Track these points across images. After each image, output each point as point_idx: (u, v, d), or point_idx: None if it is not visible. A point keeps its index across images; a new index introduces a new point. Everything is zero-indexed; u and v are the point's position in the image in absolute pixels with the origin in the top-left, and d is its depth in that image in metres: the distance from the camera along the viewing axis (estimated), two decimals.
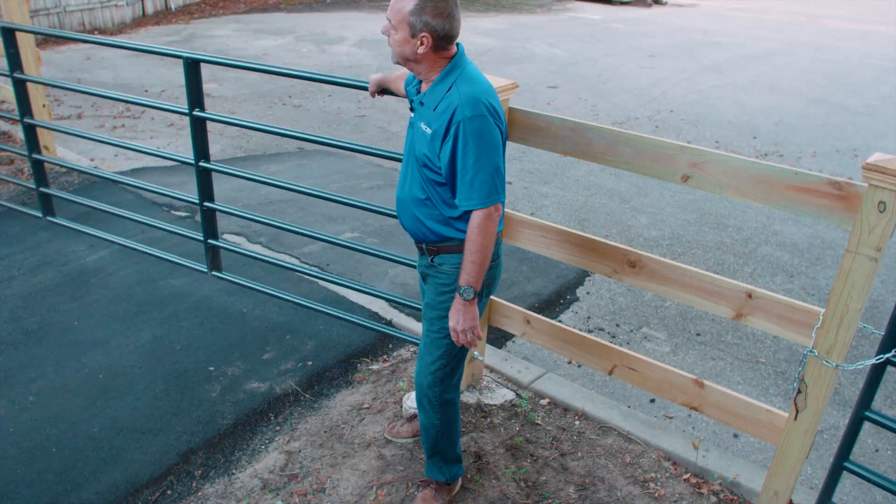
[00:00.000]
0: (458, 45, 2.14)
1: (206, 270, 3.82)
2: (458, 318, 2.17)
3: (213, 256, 3.80)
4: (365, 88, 2.77)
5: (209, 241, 3.76)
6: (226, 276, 3.80)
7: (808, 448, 2.28)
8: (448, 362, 2.36)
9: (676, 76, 9.95)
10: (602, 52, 11.26)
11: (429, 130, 2.10)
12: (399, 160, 3.00)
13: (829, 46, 12.85)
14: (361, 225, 4.95)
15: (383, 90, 2.65)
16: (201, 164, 3.50)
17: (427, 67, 2.11)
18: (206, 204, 3.65)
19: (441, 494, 2.55)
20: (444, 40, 2.03)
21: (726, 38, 13.02)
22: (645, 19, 14.99)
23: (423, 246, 2.30)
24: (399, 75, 2.53)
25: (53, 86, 3.98)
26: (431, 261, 2.30)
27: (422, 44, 2.03)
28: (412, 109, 2.24)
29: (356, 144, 3.13)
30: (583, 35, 12.69)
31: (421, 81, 2.21)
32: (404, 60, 2.11)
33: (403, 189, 2.30)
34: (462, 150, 2.02)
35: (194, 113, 3.40)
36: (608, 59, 10.77)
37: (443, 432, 2.45)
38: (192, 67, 3.32)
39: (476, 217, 2.08)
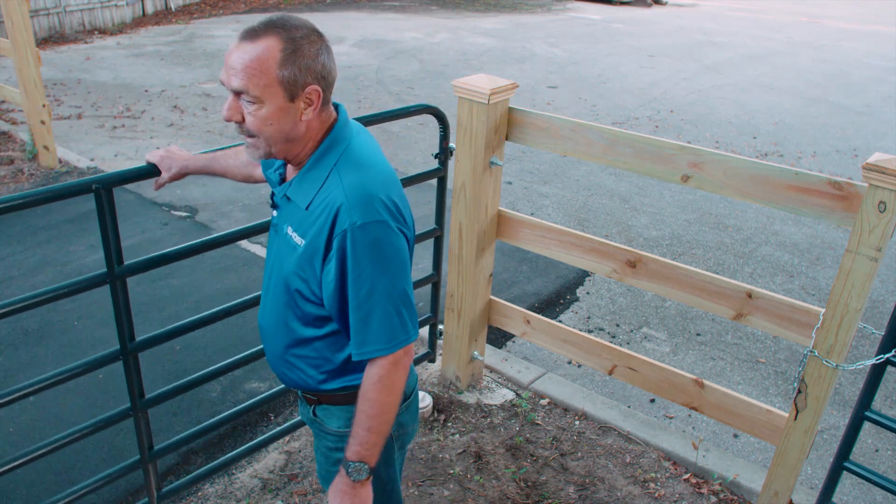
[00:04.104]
0: (337, 106, 1.50)
1: None
2: None
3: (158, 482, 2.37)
4: None
5: (149, 457, 2.31)
6: None
7: (808, 448, 2.28)
8: None
9: (676, 76, 9.95)
10: (602, 52, 11.25)
11: (300, 241, 1.43)
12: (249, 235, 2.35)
13: (828, 46, 12.84)
14: None
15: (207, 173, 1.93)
16: (130, 345, 2.22)
17: (305, 141, 1.43)
18: (141, 401, 2.29)
19: None
20: (329, 91, 1.41)
21: (726, 38, 13.02)
22: (645, 19, 14.99)
23: (300, 392, 1.66)
24: (225, 154, 1.89)
25: None
26: (313, 412, 1.65)
27: (310, 103, 1.37)
28: (274, 206, 1.55)
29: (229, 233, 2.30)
30: (583, 35, 12.68)
31: (285, 164, 1.54)
32: (286, 143, 1.40)
33: (265, 315, 1.61)
34: (353, 274, 1.37)
35: (117, 269, 2.07)
36: (608, 59, 10.76)
37: None
38: (105, 197, 1.97)
39: (377, 367, 1.41)
